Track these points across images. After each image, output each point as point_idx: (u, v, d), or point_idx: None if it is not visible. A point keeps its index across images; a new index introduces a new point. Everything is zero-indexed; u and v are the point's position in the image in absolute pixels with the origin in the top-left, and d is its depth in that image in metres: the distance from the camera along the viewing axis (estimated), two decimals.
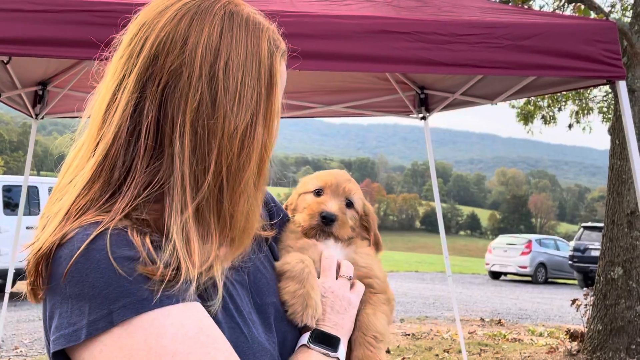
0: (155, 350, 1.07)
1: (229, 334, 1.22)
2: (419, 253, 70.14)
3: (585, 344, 9.03)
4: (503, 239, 30.22)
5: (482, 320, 14.38)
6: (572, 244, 25.39)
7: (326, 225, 1.62)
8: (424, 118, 7.17)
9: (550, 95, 14.93)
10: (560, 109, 16.55)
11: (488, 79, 5.75)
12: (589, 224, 26.17)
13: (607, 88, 13.41)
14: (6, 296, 6.22)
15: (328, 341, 1.40)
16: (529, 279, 27.87)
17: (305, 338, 1.40)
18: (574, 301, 10.15)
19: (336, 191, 1.68)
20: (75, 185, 1.20)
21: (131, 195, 1.17)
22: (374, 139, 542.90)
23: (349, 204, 1.69)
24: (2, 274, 6.57)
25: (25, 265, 1.18)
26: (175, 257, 1.13)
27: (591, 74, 4.16)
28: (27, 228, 8.79)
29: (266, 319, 1.38)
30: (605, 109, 16.93)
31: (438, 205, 7.66)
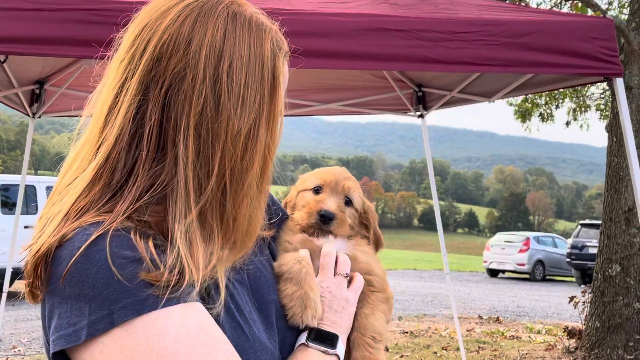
0: (156, 350, 1.06)
1: (230, 334, 1.21)
2: (417, 251, 70.17)
3: (583, 341, 9.04)
4: (501, 237, 30.26)
5: (480, 317, 14.40)
6: (570, 241, 25.43)
7: (324, 224, 1.61)
8: (421, 116, 7.17)
9: (547, 92, 14.93)
10: (557, 107, 16.57)
11: (485, 76, 5.75)
12: (587, 221, 26.24)
13: (605, 85, 13.45)
14: (4, 295, 6.21)
15: (326, 339, 1.40)
16: (526, 276, 27.91)
17: (303, 337, 1.40)
18: (571, 298, 10.17)
19: (335, 189, 1.67)
20: (76, 188, 1.19)
21: (133, 197, 1.16)
22: (372, 137, 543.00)
23: (348, 202, 1.68)
24: (0, 273, 6.57)
25: (23, 267, 1.17)
26: (178, 261, 1.13)
27: (588, 72, 4.16)
28: (25, 227, 8.78)
29: (267, 317, 1.37)
30: (602, 107, 16.93)
31: (436, 203, 7.66)
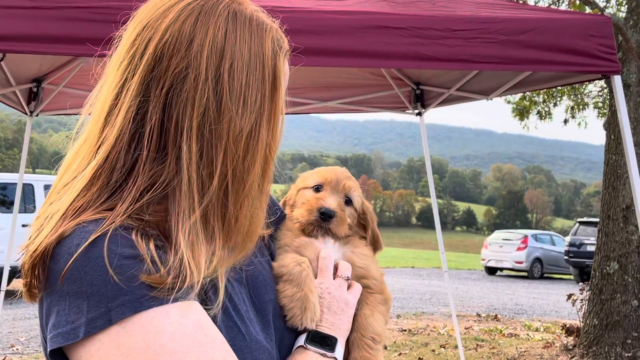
0: (153, 348, 1.06)
1: (226, 333, 1.21)
2: (415, 249, 70.16)
3: (581, 338, 9.05)
4: (499, 235, 30.28)
5: (479, 315, 14.42)
6: (568, 239, 25.46)
7: (324, 222, 1.61)
8: (419, 114, 7.17)
9: (545, 90, 14.95)
10: (555, 104, 16.57)
11: (483, 74, 5.75)
12: (585, 219, 26.26)
13: (603, 83, 13.45)
14: (2, 294, 6.21)
15: (325, 342, 1.40)
16: (525, 274, 27.94)
17: (302, 339, 1.40)
18: (569, 296, 10.18)
19: (336, 188, 1.68)
20: (74, 187, 1.19)
21: (133, 197, 1.16)
22: (370, 135, 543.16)
23: (348, 202, 1.69)
24: None
25: (21, 266, 1.17)
26: (180, 262, 1.12)
27: (586, 69, 4.16)
28: (23, 226, 8.76)
29: (264, 316, 1.37)
30: (600, 104, 16.94)
31: (434, 201, 7.67)
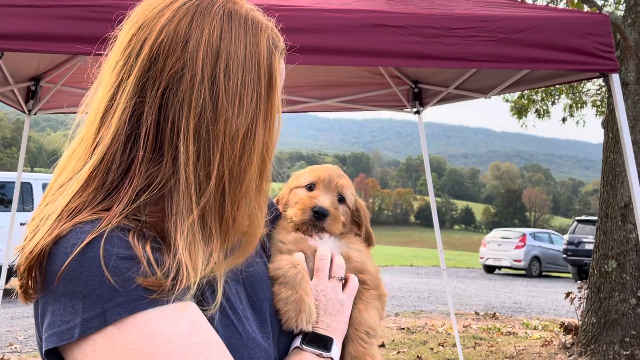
0: (148, 349, 1.06)
1: (223, 332, 1.21)
2: (413, 247, 70.23)
3: (580, 337, 9.06)
4: (497, 233, 30.30)
5: (477, 313, 14.43)
6: (566, 237, 25.47)
7: (318, 220, 1.61)
8: (417, 112, 7.17)
9: (543, 88, 14.95)
10: (553, 103, 16.58)
11: (482, 72, 5.75)
12: (583, 217, 26.28)
13: (601, 81, 13.44)
14: (0, 293, 6.20)
15: (321, 342, 1.40)
16: (523, 272, 27.97)
17: (298, 340, 1.40)
18: (568, 294, 10.19)
19: (328, 186, 1.68)
20: (70, 188, 1.19)
21: (129, 198, 1.16)
22: (368, 133, 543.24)
23: (341, 200, 1.69)
24: None
25: (16, 267, 1.16)
26: (177, 264, 1.12)
27: (584, 67, 4.16)
28: (21, 224, 8.77)
29: (261, 314, 1.37)
30: (598, 103, 16.96)
31: (432, 200, 7.67)
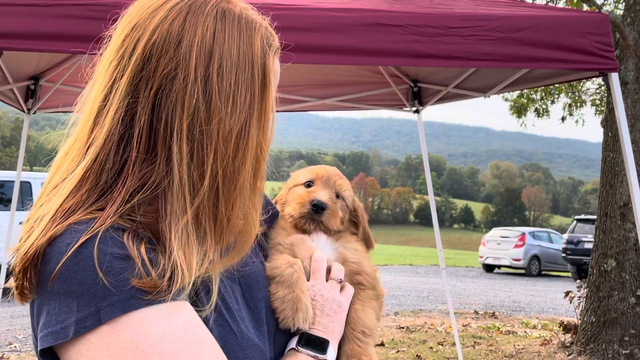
0: (142, 349, 1.06)
1: (217, 332, 1.21)
2: (413, 246, 70.28)
3: (579, 336, 9.06)
4: (497, 232, 30.29)
5: (476, 313, 14.43)
6: (566, 236, 25.45)
7: (316, 214, 1.61)
8: (417, 111, 7.17)
9: (543, 88, 14.95)
10: (553, 102, 16.57)
11: (481, 71, 5.75)
12: (582, 216, 26.24)
13: (600, 80, 13.44)
14: None
15: (317, 344, 1.40)
16: (522, 271, 27.97)
17: (294, 342, 1.40)
18: (567, 293, 10.19)
19: (327, 183, 1.69)
20: (64, 189, 1.19)
21: (122, 198, 1.16)
22: (368, 132, 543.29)
23: (339, 197, 1.70)
24: None
25: (12, 268, 1.17)
26: (171, 264, 1.12)
27: (584, 66, 4.16)
28: (20, 223, 8.76)
29: (257, 314, 1.37)
30: (598, 102, 16.96)
31: (432, 199, 7.67)
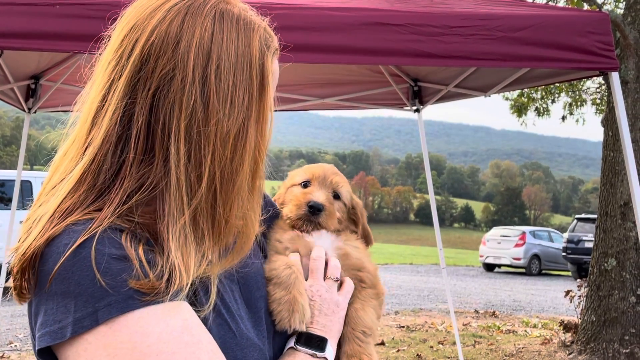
0: (139, 349, 1.06)
1: (216, 331, 1.21)
2: (413, 245, 70.29)
3: (579, 335, 9.06)
4: (497, 231, 30.30)
5: (477, 312, 14.43)
6: (566, 235, 25.46)
7: (313, 215, 1.61)
8: (417, 110, 7.17)
9: (543, 87, 14.94)
10: (553, 101, 16.55)
11: (481, 71, 5.75)
12: (583, 215, 26.24)
13: (601, 79, 13.44)
14: (0, 290, 6.21)
15: (315, 343, 1.40)
16: (522, 270, 27.96)
17: (292, 341, 1.40)
18: (567, 292, 10.19)
19: (323, 183, 1.69)
20: (62, 189, 1.19)
21: (120, 199, 1.16)
22: (368, 131, 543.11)
23: (337, 197, 1.69)
24: None
25: (10, 268, 1.17)
26: (169, 266, 1.13)
27: (584, 66, 4.16)
28: (21, 222, 8.77)
29: (256, 313, 1.37)
30: (598, 101, 16.94)
31: (432, 198, 7.67)
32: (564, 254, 25.12)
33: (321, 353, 1.39)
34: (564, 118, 17.45)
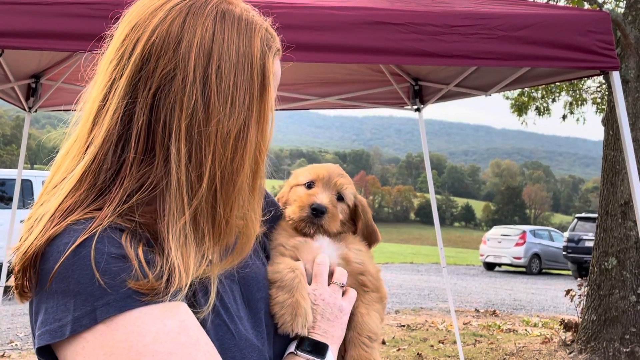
0: (136, 348, 1.06)
1: (215, 332, 1.21)
2: (413, 245, 70.25)
3: (580, 334, 9.06)
4: (497, 230, 30.30)
5: (477, 311, 14.43)
6: (566, 234, 25.46)
7: (316, 217, 1.60)
8: (418, 110, 7.17)
9: (544, 86, 14.93)
10: (554, 100, 16.54)
11: (482, 70, 5.75)
12: (583, 214, 26.25)
13: (601, 79, 13.44)
14: (0, 290, 6.21)
15: (316, 348, 1.39)
16: (523, 269, 27.96)
17: (293, 345, 1.39)
18: (568, 292, 10.19)
19: (328, 184, 1.67)
20: (63, 188, 1.19)
21: (120, 198, 1.16)
22: (369, 131, 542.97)
23: (340, 198, 1.68)
24: None
25: (11, 267, 1.17)
26: (168, 265, 1.13)
27: (585, 65, 4.16)
28: (21, 222, 8.77)
29: (256, 314, 1.37)
30: (599, 100, 16.93)
31: (432, 197, 7.67)
32: (564, 253, 25.12)
33: (321, 359, 1.38)
34: (564, 117, 17.44)
